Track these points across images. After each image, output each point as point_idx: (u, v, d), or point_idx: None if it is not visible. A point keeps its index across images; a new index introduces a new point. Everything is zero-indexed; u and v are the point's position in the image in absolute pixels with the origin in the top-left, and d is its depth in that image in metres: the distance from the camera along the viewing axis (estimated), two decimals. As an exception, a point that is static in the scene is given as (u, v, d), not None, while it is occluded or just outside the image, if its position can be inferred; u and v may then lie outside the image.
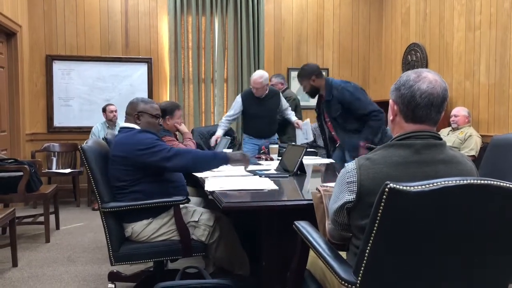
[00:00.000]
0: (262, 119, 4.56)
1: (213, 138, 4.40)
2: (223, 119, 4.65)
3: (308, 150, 3.60)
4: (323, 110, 3.90)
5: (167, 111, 3.39)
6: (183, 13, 6.25)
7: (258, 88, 4.39)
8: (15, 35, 5.40)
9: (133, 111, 2.64)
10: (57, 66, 6.05)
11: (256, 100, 4.50)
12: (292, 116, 4.72)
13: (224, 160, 2.66)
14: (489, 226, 1.24)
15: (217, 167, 2.70)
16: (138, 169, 2.46)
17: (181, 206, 2.46)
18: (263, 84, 4.38)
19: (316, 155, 4.25)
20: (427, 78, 1.42)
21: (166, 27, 6.27)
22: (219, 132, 4.47)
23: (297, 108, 5.14)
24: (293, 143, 3.75)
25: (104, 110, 5.66)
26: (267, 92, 4.49)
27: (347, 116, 3.64)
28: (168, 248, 2.47)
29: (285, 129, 5.09)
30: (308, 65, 3.80)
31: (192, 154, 2.56)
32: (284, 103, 4.71)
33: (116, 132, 4.60)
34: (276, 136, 4.81)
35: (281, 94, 4.71)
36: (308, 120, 4.51)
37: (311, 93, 3.76)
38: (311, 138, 4.45)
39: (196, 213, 2.56)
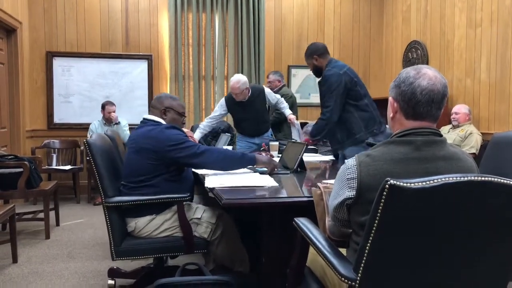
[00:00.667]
0: (250, 121, 4.43)
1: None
2: (204, 121, 4.45)
3: (308, 147, 3.59)
4: None
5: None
6: (184, 10, 6.24)
7: (237, 93, 4.20)
8: (15, 31, 5.39)
9: (160, 106, 2.67)
10: (57, 63, 6.05)
11: (240, 103, 4.31)
12: (285, 109, 4.53)
13: (252, 161, 2.68)
14: (490, 223, 1.24)
15: (243, 167, 2.72)
16: (162, 165, 2.48)
17: (184, 203, 2.46)
18: (241, 89, 4.16)
19: (317, 152, 4.24)
20: (427, 75, 1.42)
21: (167, 24, 6.26)
22: (197, 135, 4.27)
23: (293, 106, 5.11)
24: (293, 140, 3.75)
25: (103, 107, 5.64)
26: (249, 94, 4.30)
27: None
28: (171, 245, 2.47)
29: (281, 126, 5.07)
30: (313, 44, 3.62)
31: (222, 153, 2.59)
32: (272, 97, 4.49)
33: (114, 128, 4.53)
34: (270, 132, 4.74)
35: (266, 89, 4.50)
36: (298, 122, 4.43)
37: (315, 73, 3.59)
38: (303, 139, 4.40)
39: (198, 210, 2.56)
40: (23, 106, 5.58)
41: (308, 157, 3.65)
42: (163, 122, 2.61)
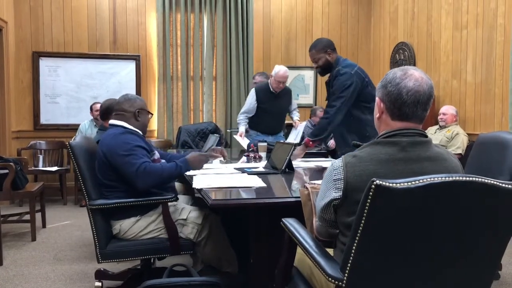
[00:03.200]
0: (273, 115, 4.60)
1: (238, 135, 4.53)
2: (241, 116, 4.67)
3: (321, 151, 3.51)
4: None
5: (112, 107, 3.09)
6: (172, 10, 6.22)
7: (284, 82, 4.51)
8: (0, 31, 5.33)
9: (133, 108, 2.56)
10: (44, 63, 5.99)
11: (271, 95, 4.56)
12: (295, 115, 4.85)
13: (186, 166, 2.52)
14: (474, 222, 1.25)
15: (181, 175, 2.60)
16: (117, 172, 2.43)
17: (169, 204, 2.45)
18: (288, 76, 4.54)
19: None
20: (414, 76, 1.43)
21: (155, 24, 6.23)
22: (242, 129, 4.56)
23: None
24: (282, 141, 3.75)
25: (91, 108, 5.61)
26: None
27: None
28: (156, 246, 2.46)
29: None
30: (323, 38, 3.51)
31: (158, 173, 2.40)
32: (293, 101, 4.84)
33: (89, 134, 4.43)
34: (282, 133, 4.84)
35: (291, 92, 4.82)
36: (304, 123, 4.60)
37: (325, 69, 3.41)
38: (297, 140, 4.45)
39: (184, 211, 2.55)
40: (8, 106, 5.51)
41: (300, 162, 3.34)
42: (128, 126, 2.53)
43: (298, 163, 3.24)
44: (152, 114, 2.69)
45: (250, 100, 4.63)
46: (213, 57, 6.42)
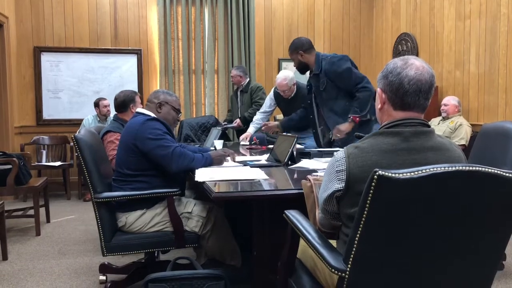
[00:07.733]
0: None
1: (243, 136, 4.43)
2: (258, 115, 4.56)
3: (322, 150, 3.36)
4: (314, 94, 3.67)
5: (128, 100, 3.39)
6: (173, 3, 6.19)
7: (284, 90, 4.28)
8: (2, 26, 5.32)
9: (156, 100, 2.67)
10: (45, 58, 5.98)
11: (284, 99, 4.41)
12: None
13: (210, 159, 2.65)
14: (477, 212, 1.25)
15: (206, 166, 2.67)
16: (147, 158, 2.47)
17: (174, 197, 2.46)
18: (288, 85, 4.26)
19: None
20: (414, 65, 1.42)
21: (156, 18, 6.21)
22: (251, 130, 4.46)
23: (263, 99, 5.03)
24: (284, 133, 3.74)
25: (97, 105, 5.59)
26: (295, 91, 4.34)
27: (334, 92, 3.43)
28: (161, 239, 2.47)
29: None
30: (298, 39, 3.57)
31: (190, 158, 2.52)
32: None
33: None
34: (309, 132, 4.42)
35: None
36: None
37: (300, 69, 3.57)
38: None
39: (189, 204, 2.56)
40: (11, 102, 5.52)
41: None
42: (152, 115, 2.59)
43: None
44: (179, 112, 2.74)
45: (268, 102, 4.57)
46: (215, 50, 6.40)
